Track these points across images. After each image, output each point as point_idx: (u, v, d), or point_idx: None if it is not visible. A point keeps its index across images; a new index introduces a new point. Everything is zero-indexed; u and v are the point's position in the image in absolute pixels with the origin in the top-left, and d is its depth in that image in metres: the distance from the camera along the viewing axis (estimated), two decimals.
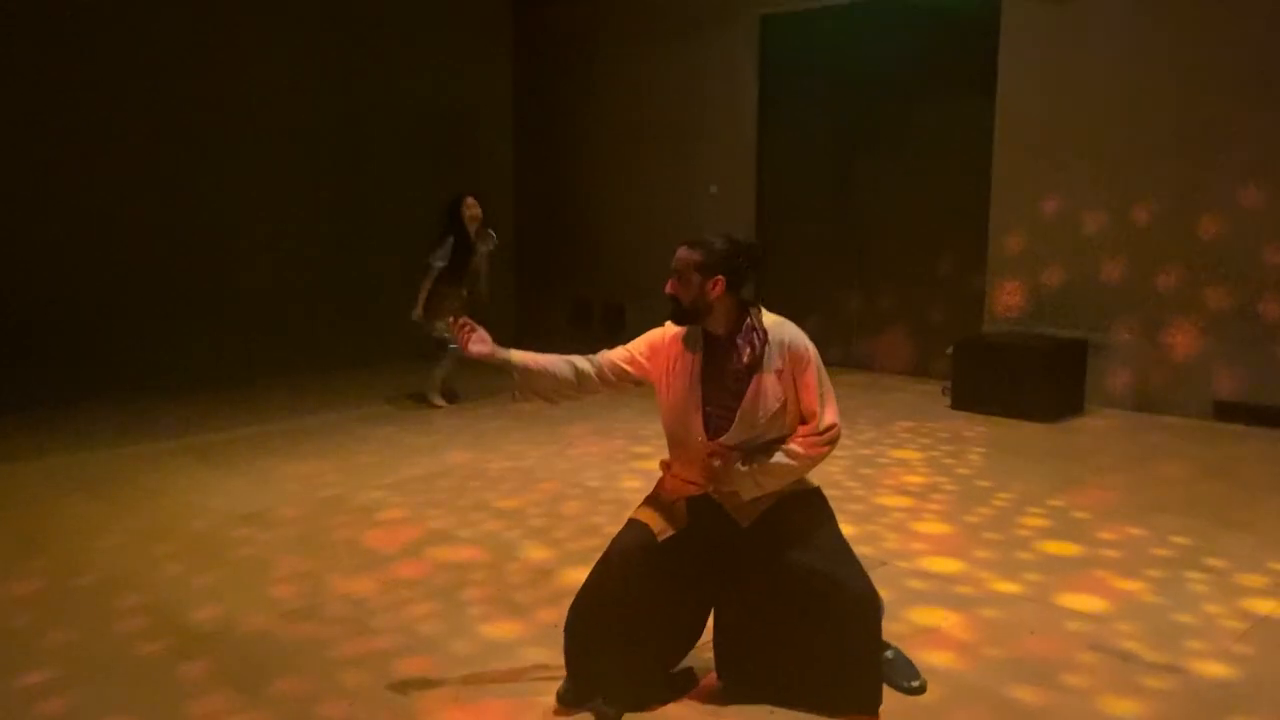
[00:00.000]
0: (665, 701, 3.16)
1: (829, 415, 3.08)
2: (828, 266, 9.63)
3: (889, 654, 3.32)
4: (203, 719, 3.09)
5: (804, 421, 3.10)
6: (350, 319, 9.84)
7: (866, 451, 6.42)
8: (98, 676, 3.39)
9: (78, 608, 3.98)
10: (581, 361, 3.23)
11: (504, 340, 3.23)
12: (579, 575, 3.28)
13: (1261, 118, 7.05)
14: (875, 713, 3.06)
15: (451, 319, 3.32)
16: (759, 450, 3.07)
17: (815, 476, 3.27)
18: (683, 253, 3.09)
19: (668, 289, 3.11)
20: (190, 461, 6.26)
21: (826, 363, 3.19)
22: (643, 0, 10.53)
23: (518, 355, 3.18)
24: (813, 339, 3.18)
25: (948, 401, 7.79)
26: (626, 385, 3.28)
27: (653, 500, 3.25)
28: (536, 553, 4.62)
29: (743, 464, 3.06)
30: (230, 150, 8.99)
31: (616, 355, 3.25)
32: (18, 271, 7.82)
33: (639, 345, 3.25)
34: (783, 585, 3.07)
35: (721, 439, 3.08)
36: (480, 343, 3.17)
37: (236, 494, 5.56)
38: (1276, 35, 6.94)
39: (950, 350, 7.85)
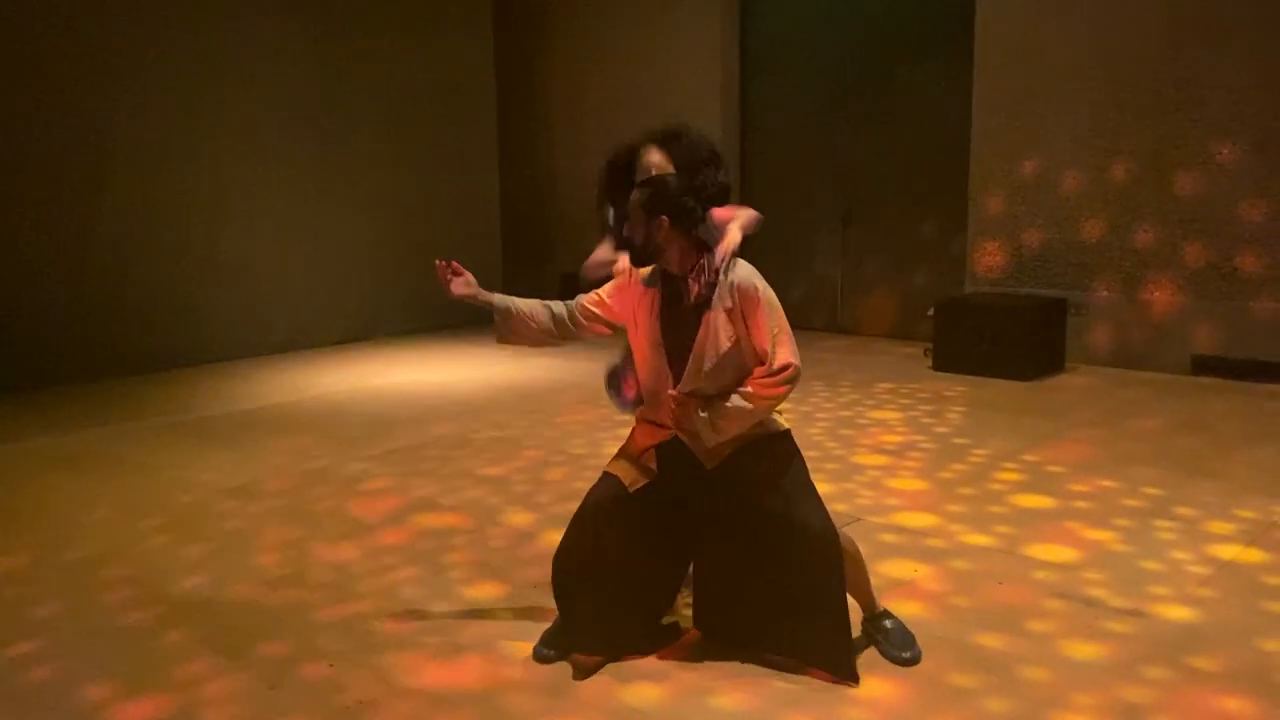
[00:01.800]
0: (643, 654, 3.23)
1: (783, 355, 3.03)
2: (811, 232, 9.62)
3: (888, 624, 3.27)
4: (186, 682, 3.16)
5: (761, 364, 3.10)
6: (336, 296, 9.87)
7: (846, 413, 6.49)
8: (83, 645, 3.46)
9: (65, 580, 4.04)
10: (558, 306, 3.31)
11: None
12: (560, 538, 3.34)
13: (1236, 73, 7.08)
14: (844, 674, 3.04)
15: (437, 261, 3.28)
16: (717, 396, 3.08)
17: (796, 437, 3.29)
18: (633, 193, 3.15)
19: (624, 230, 3.18)
20: (178, 438, 6.31)
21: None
22: None
23: (499, 299, 3.28)
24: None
25: (929, 363, 7.86)
26: (599, 328, 3.34)
27: (624, 452, 3.30)
28: (519, 517, 4.69)
29: (701, 410, 3.07)
30: (215, 127, 8.96)
31: (588, 299, 3.32)
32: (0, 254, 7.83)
33: (607, 288, 3.32)
34: (749, 531, 3.12)
35: (679, 384, 3.12)
36: (464, 285, 3.25)
37: (224, 468, 5.62)
38: None
39: (931, 312, 7.91)
